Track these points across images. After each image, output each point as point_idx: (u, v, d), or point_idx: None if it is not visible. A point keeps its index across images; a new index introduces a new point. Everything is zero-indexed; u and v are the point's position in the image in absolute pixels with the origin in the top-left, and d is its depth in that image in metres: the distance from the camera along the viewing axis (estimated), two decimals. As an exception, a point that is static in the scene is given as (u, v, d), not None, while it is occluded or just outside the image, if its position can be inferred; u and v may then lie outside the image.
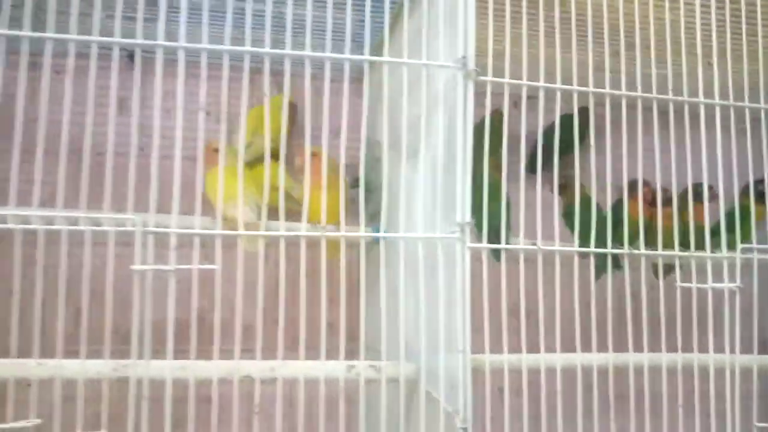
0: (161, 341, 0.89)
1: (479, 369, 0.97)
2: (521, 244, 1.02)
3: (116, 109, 1.57)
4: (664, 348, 1.02)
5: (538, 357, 0.98)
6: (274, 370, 1.05)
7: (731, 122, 1.07)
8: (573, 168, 1.10)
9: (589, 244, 1.03)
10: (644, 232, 1.08)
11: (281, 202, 1.01)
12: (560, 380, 0.99)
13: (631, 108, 1.05)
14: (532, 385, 0.98)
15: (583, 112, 1.17)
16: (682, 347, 1.03)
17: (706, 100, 1.06)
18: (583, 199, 1.06)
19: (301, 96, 1.20)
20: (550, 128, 1.04)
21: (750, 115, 1.10)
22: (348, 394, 1.01)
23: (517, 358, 0.96)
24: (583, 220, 1.05)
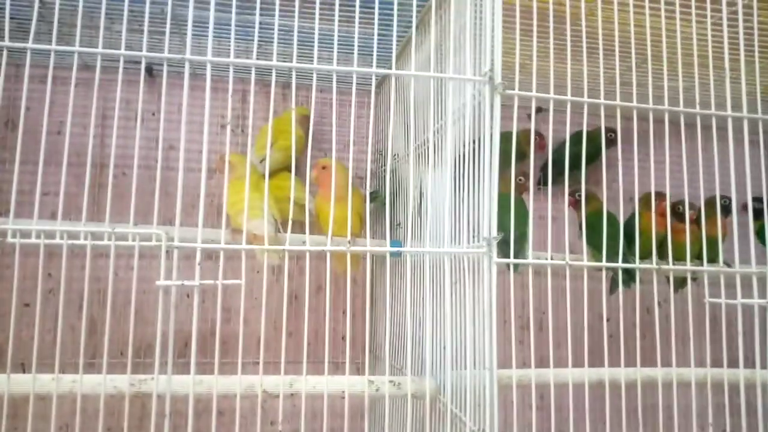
0: (179, 355, 0.87)
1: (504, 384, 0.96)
2: (530, 255, 1.01)
3: (136, 123, 1.57)
4: (693, 362, 1.00)
5: (566, 372, 0.97)
6: (293, 385, 1.04)
7: (754, 135, 1.06)
8: (590, 182, 1.09)
9: (614, 258, 1.01)
10: (660, 246, 1.06)
11: (305, 215, 1.00)
12: (587, 394, 0.98)
13: (658, 122, 1.04)
14: (555, 398, 0.96)
15: (597, 131, 1.17)
16: (699, 361, 1.02)
17: (718, 112, 1.05)
18: (595, 212, 1.05)
19: (326, 109, 1.20)
20: (563, 144, 1.04)
21: (766, 127, 1.09)
22: (363, 409, 0.99)
23: (544, 373, 0.95)
24: (601, 232, 1.04)
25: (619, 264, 1.01)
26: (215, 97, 1.61)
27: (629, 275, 1.26)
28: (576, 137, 1.05)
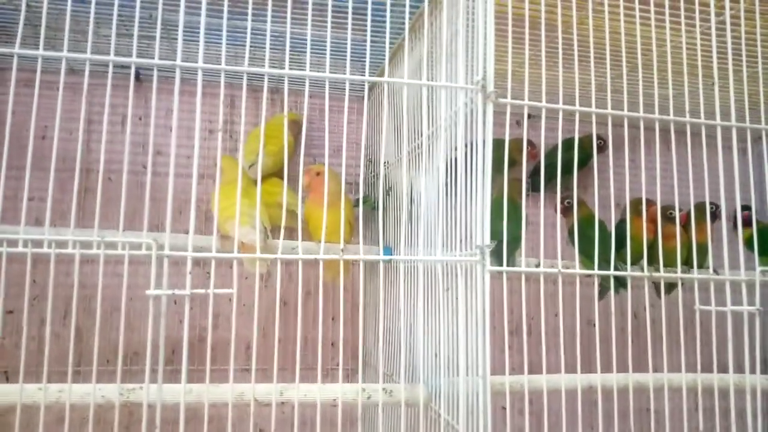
0: (166, 362, 0.86)
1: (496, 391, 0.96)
2: (523, 263, 1.01)
3: (121, 127, 1.55)
4: (684, 367, 1.01)
5: (558, 377, 0.97)
6: (284, 393, 1.04)
7: (742, 143, 1.07)
8: (581, 188, 1.10)
9: (605, 265, 1.02)
10: (649, 251, 1.06)
11: (298, 222, 1.00)
12: (580, 399, 0.98)
13: (648, 129, 1.05)
14: (546, 404, 0.97)
15: (588, 138, 1.17)
16: (688, 365, 1.03)
17: (707, 121, 1.06)
18: (586, 218, 1.05)
19: (315, 114, 1.19)
20: (554, 150, 1.04)
21: (754, 135, 1.11)
22: (354, 416, 0.99)
23: (536, 379, 0.95)
24: (592, 239, 1.04)
25: (611, 272, 1.01)
26: (203, 102, 1.59)
27: (619, 282, 1.27)
28: (566, 144, 1.06)
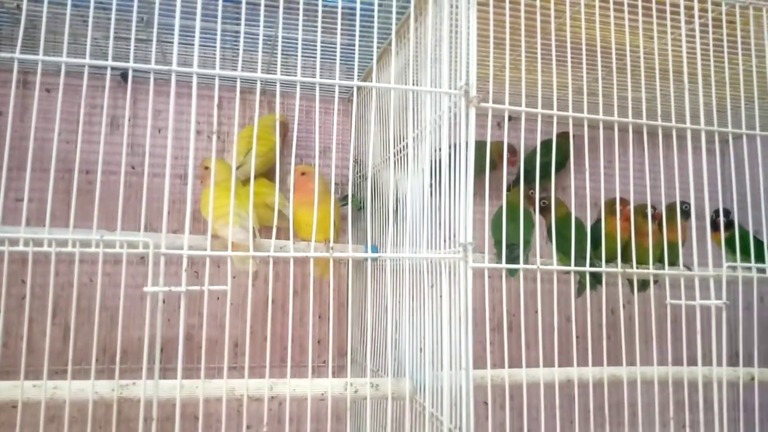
0: (155, 360, 0.89)
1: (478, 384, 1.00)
2: (504, 260, 1.06)
3: (110, 129, 1.57)
4: (655, 360, 1.06)
5: (537, 371, 1.01)
6: (274, 388, 1.07)
7: (710, 144, 1.13)
8: (557, 189, 1.15)
9: (581, 262, 1.07)
10: (624, 249, 1.11)
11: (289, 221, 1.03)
12: (557, 393, 1.03)
13: (622, 131, 1.10)
14: (526, 397, 1.01)
15: (564, 137, 1.22)
16: (661, 360, 1.08)
17: (678, 124, 1.11)
18: (563, 218, 1.10)
19: (300, 116, 1.22)
20: (532, 154, 1.09)
21: (721, 138, 1.16)
22: (341, 410, 1.02)
23: (516, 372, 0.99)
24: (569, 237, 1.09)
25: (587, 268, 1.06)
26: (190, 104, 1.61)
27: (596, 278, 1.32)
28: (545, 147, 1.11)
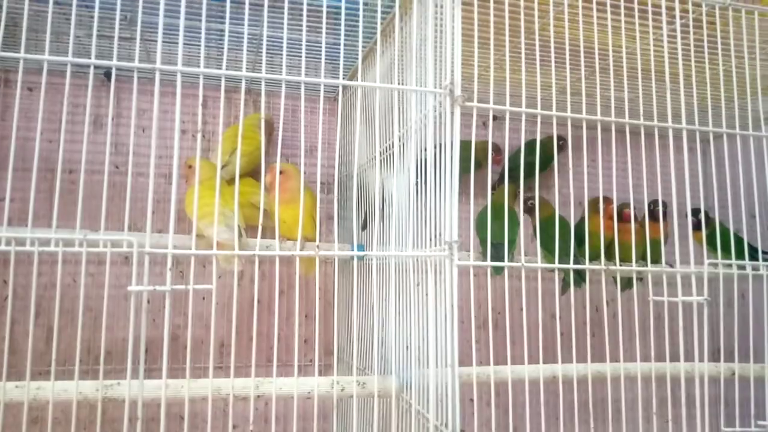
0: (138, 360, 0.88)
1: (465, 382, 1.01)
2: (488, 258, 1.07)
3: (94, 128, 1.56)
4: (639, 356, 1.08)
5: (522, 368, 1.02)
6: (259, 387, 1.07)
7: (692, 143, 1.14)
8: (542, 188, 1.16)
9: (565, 260, 1.08)
10: (607, 248, 1.12)
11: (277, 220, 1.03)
12: (542, 390, 1.04)
13: (605, 130, 1.11)
14: (511, 394, 1.02)
15: (549, 138, 1.24)
16: (645, 356, 1.09)
17: (660, 123, 1.13)
18: (549, 218, 1.11)
19: (286, 115, 1.21)
20: (517, 153, 1.10)
21: (703, 137, 1.18)
22: (328, 408, 1.03)
23: (502, 369, 1.00)
24: (553, 236, 1.10)
25: (571, 265, 1.07)
26: (174, 103, 1.61)
27: (580, 276, 1.33)
28: (529, 146, 1.12)
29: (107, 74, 1.58)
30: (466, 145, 1.00)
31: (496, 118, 1.53)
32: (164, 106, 1.05)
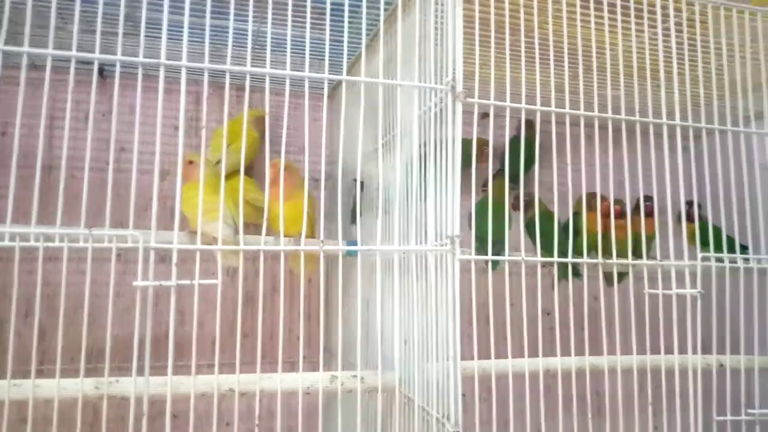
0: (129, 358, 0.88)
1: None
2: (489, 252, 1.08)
3: (85, 124, 1.54)
4: (635, 349, 1.10)
5: (523, 361, 1.04)
6: (256, 383, 1.06)
7: (685, 141, 1.16)
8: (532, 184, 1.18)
9: (551, 254, 1.09)
10: (601, 242, 1.14)
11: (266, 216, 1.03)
12: (542, 383, 1.05)
13: (602, 128, 1.13)
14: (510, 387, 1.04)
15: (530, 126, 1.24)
16: (638, 349, 1.11)
17: (655, 120, 1.15)
18: (543, 213, 1.13)
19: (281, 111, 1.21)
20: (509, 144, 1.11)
21: (695, 134, 1.20)
22: (314, 407, 1.03)
23: (503, 363, 1.01)
24: (545, 231, 1.12)
25: (569, 259, 1.09)
26: (168, 99, 1.59)
27: (575, 270, 1.35)
28: (514, 143, 1.13)
29: (100, 71, 1.57)
30: (465, 142, 1.01)
31: (486, 115, 1.54)
32: (154, 101, 1.04)
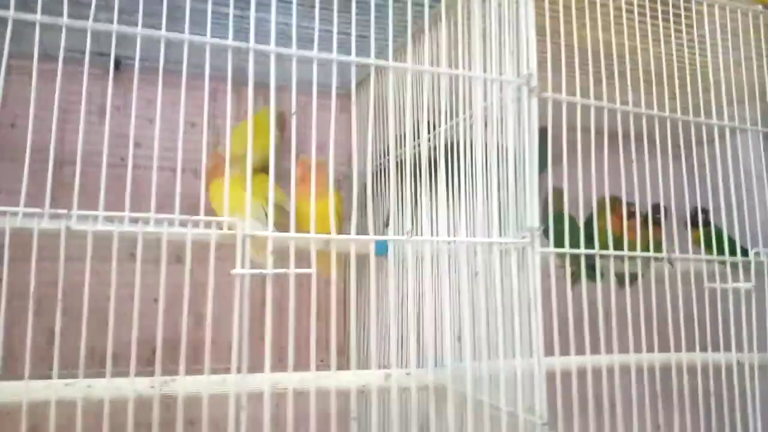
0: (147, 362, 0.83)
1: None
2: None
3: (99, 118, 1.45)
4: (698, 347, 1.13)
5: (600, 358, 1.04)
6: (305, 381, 1.01)
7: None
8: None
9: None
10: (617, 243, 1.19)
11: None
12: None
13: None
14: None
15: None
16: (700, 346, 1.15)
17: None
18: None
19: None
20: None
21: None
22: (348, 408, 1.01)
23: (581, 360, 1.02)
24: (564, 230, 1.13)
25: (638, 253, 1.11)
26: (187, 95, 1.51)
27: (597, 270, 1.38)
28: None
29: (116, 64, 1.47)
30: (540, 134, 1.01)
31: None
32: (173, 98, 0.98)
